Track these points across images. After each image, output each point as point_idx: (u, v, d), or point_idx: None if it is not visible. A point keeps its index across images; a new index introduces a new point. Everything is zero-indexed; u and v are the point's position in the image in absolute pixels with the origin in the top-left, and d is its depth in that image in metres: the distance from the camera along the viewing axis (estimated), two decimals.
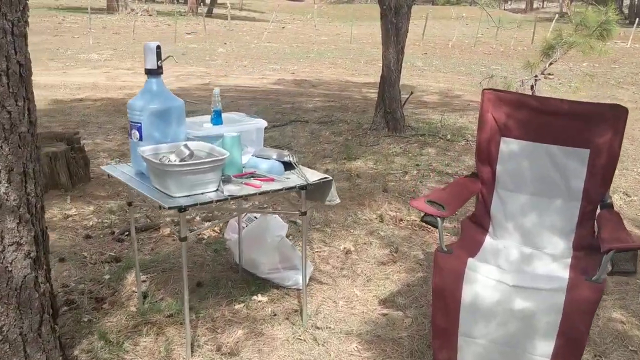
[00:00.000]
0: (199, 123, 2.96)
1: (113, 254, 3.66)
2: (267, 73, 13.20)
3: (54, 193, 4.67)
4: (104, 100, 9.01)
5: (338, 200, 2.83)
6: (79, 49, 15.81)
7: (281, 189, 2.59)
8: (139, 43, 17.54)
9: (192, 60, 14.62)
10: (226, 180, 2.58)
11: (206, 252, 3.74)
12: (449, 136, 7.12)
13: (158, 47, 2.63)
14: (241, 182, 2.60)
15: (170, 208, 2.31)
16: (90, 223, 4.16)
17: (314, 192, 2.82)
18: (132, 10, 29.53)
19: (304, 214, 2.78)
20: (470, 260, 2.37)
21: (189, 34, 21.73)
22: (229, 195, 2.45)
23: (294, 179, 2.70)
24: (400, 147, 6.55)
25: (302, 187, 2.67)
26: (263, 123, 3.04)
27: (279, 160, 2.76)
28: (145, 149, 2.56)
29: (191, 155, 2.52)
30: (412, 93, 8.23)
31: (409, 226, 4.30)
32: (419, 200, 2.49)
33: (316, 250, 3.82)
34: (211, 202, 2.41)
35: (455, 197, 2.67)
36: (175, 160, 2.46)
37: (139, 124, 2.62)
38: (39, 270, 2.16)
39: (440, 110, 9.00)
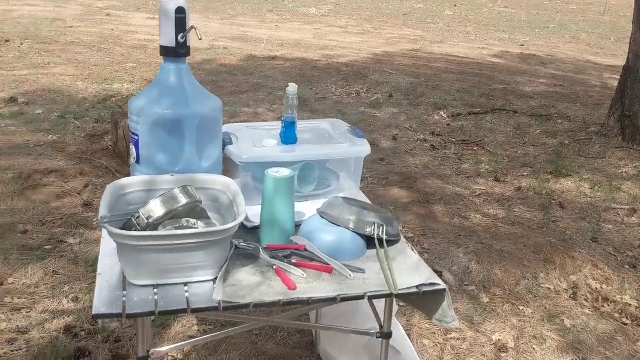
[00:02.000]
0: (258, 136, 1.85)
1: None
2: (490, 42, 11.42)
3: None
4: (296, 62, 8.29)
5: (456, 324, 1.52)
6: (301, 2, 15.48)
7: (334, 298, 1.38)
8: None
9: (411, 22, 13.35)
10: (251, 252, 1.46)
11: None
12: None
13: (180, 11, 1.55)
14: (273, 265, 1.45)
15: (95, 315, 1.26)
16: None
17: (415, 301, 1.56)
18: None
19: (387, 336, 1.54)
20: None
21: None
22: (220, 302, 1.32)
23: (370, 274, 1.47)
24: (636, 168, 4.72)
25: (385, 296, 1.43)
26: (365, 149, 1.83)
27: (357, 233, 1.54)
28: (126, 183, 1.52)
29: (174, 213, 1.43)
30: None
31: (618, 315, 2.75)
32: None
33: (450, 336, 2.52)
34: (184, 310, 1.30)
35: None
36: (147, 220, 1.39)
37: (136, 137, 1.59)
38: None
39: None
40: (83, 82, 6.41)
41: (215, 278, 1.37)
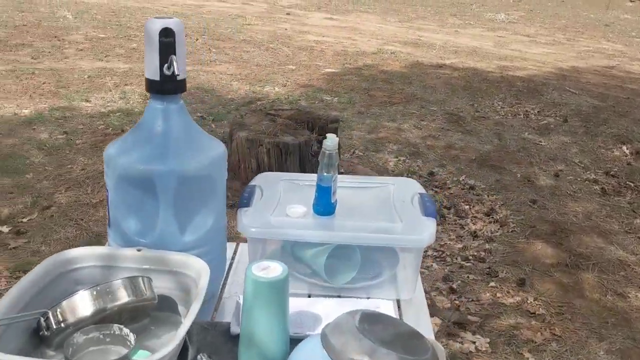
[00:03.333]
0: (273, 198, 1.40)
1: None
2: None
3: None
4: (465, 72, 7.59)
5: None
6: (490, 7, 14.48)
7: None
8: (558, 2, 15.24)
9: (612, 34, 11.77)
10: None
11: None
12: None
13: (166, 33, 1.15)
14: None
15: None
16: None
17: None
18: None
19: None
20: None
21: (633, 1, 18.07)
22: None
23: None
24: None
25: None
26: (424, 238, 1.29)
27: None
28: (75, 255, 1.17)
29: (105, 314, 1.04)
30: None
31: None
32: None
33: None
34: None
35: None
36: (60, 324, 1.01)
37: (108, 194, 1.23)
38: None
39: None
40: (238, 82, 6.39)
41: None
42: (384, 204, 1.43)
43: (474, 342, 2.45)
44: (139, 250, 1.18)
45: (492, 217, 3.69)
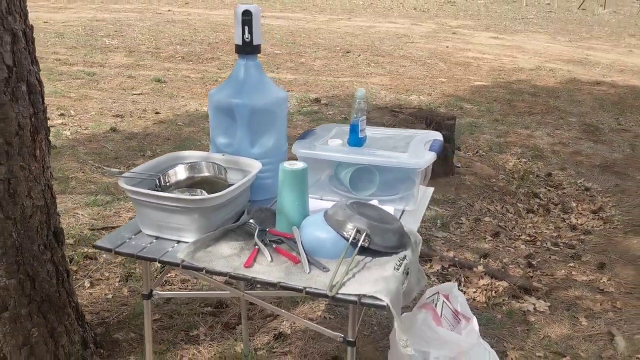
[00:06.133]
0: (324, 137, 1.95)
1: None
2: None
3: None
4: (622, 89, 7.43)
5: (409, 350, 1.38)
6: None
7: (274, 284, 1.44)
8: None
9: None
10: (250, 230, 1.62)
11: None
12: None
13: (246, 13, 1.77)
14: (267, 244, 1.57)
15: (95, 247, 1.59)
16: None
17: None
18: None
19: (350, 343, 1.50)
20: None
21: None
22: (181, 262, 1.51)
23: (331, 275, 1.47)
24: None
25: (321, 296, 1.41)
26: (417, 162, 1.76)
27: (340, 235, 1.53)
28: (186, 155, 1.83)
29: (193, 181, 1.66)
30: None
31: None
32: None
33: None
34: (154, 259, 1.53)
35: None
36: (168, 181, 1.67)
37: (209, 121, 1.89)
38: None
39: None
40: (386, 91, 6.98)
41: (194, 243, 1.57)
42: (404, 144, 1.91)
43: (534, 304, 2.75)
44: (223, 155, 1.81)
45: (598, 215, 3.83)
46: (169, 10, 13.52)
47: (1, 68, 1.73)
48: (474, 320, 2.04)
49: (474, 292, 2.82)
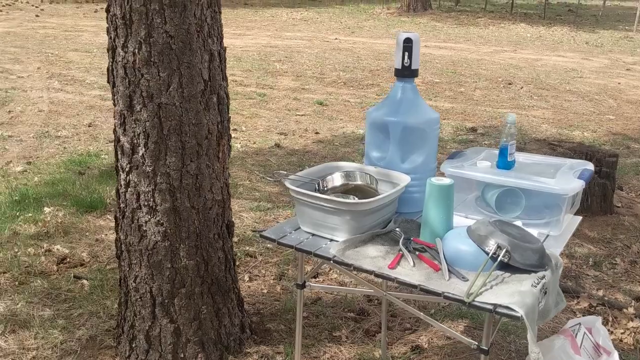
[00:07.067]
0: (473, 158, 2.05)
1: None
2: None
3: None
4: None
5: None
6: None
7: (415, 286, 1.58)
8: None
9: None
10: (395, 237, 1.79)
11: None
12: None
13: (407, 40, 1.95)
14: (410, 251, 1.72)
15: (254, 231, 1.83)
16: None
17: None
18: None
19: (485, 352, 1.59)
20: None
21: None
22: (333, 257, 1.70)
23: (469, 284, 1.58)
24: None
25: (458, 301, 1.53)
26: (566, 188, 1.81)
27: (481, 249, 1.63)
28: (342, 165, 2.04)
29: (347, 187, 1.86)
30: None
31: None
32: None
33: None
34: (309, 252, 1.74)
35: None
36: (325, 185, 1.88)
37: (365, 137, 2.09)
38: (176, 244, 2.14)
39: None
40: (547, 125, 6.79)
41: (345, 242, 1.76)
42: (552, 170, 1.96)
43: None
44: (375, 167, 2.00)
45: None
46: (336, 39, 14.20)
47: (199, 81, 2.07)
48: (615, 355, 2.00)
49: (622, 334, 2.72)
